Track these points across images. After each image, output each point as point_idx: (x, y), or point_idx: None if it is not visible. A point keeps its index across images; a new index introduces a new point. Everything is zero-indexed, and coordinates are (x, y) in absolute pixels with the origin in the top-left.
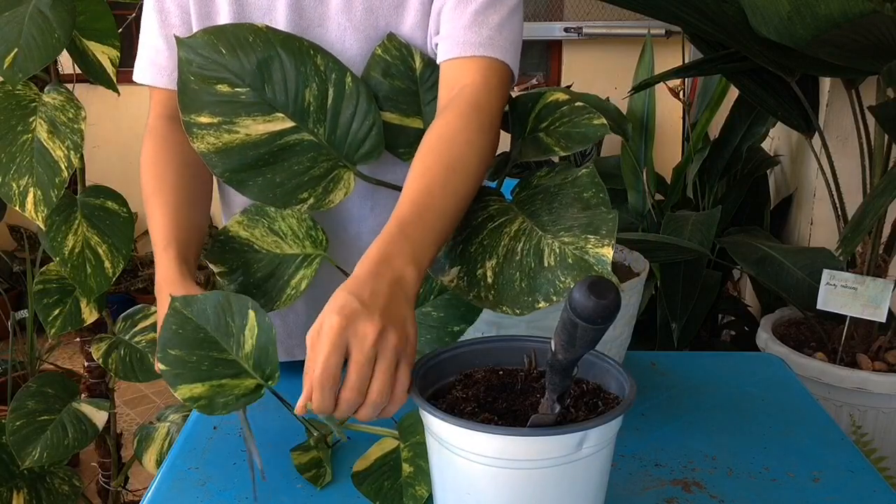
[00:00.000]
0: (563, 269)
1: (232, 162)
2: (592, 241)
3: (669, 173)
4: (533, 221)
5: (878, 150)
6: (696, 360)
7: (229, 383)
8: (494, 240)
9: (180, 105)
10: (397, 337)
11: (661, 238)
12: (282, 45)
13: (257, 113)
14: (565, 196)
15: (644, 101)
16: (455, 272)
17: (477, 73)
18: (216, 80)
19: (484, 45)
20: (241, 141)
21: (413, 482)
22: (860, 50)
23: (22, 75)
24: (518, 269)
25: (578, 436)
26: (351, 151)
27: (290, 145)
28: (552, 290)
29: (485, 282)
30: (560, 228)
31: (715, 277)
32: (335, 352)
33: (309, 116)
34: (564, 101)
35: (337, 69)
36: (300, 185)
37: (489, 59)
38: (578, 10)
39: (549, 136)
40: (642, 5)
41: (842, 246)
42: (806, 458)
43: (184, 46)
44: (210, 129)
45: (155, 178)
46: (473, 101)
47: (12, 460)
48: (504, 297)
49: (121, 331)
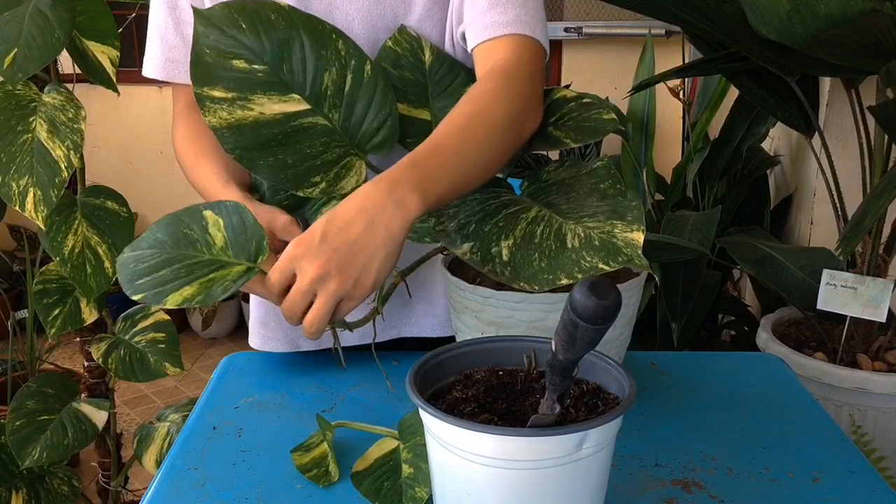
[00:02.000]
0: (590, 250)
1: (245, 139)
2: (620, 227)
3: (669, 173)
4: (551, 210)
5: (878, 150)
6: (696, 360)
7: (217, 276)
8: (511, 223)
9: (192, 76)
10: (339, 282)
11: (661, 238)
12: (304, 27)
13: (273, 92)
14: (582, 187)
15: (644, 101)
16: (468, 247)
17: (507, 50)
18: (233, 56)
19: (511, 24)
20: (255, 119)
21: (413, 483)
22: (860, 49)
23: (22, 75)
24: (537, 250)
25: (578, 436)
26: (364, 140)
27: (303, 128)
28: (577, 269)
29: (500, 258)
30: (583, 215)
31: (715, 277)
32: (278, 275)
33: (325, 101)
34: (572, 98)
35: (357, 56)
36: (312, 169)
37: (518, 37)
38: (578, 10)
39: (559, 129)
40: (642, 5)
41: (841, 245)
42: (806, 458)
43: (201, 18)
44: (223, 103)
45: (194, 147)
46: (502, 68)
47: (12, 460)
48: (521, 274)
49: (121, 331)
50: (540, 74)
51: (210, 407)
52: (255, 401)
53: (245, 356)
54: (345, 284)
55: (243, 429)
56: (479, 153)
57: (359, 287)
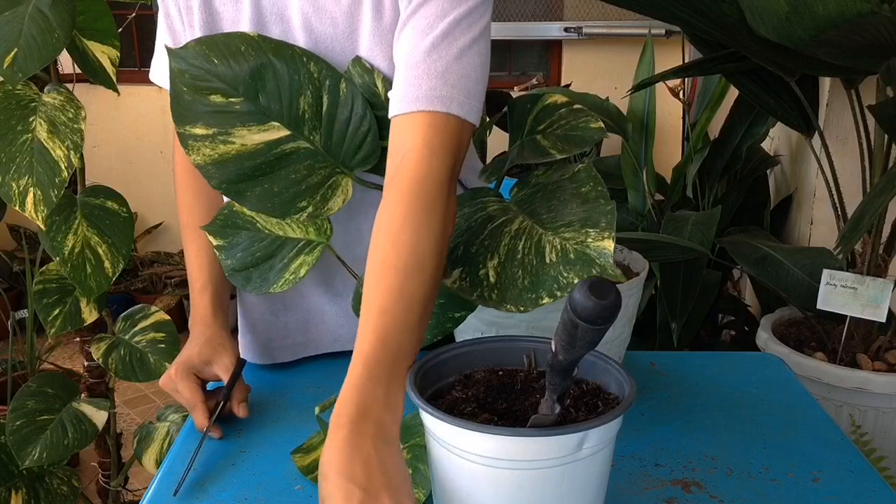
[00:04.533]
0: (566, 265)
1: (228, 173)
2: (592, 235)
3: (669, 173)
4: (533, 220)
5: (877, 149)
6: (696, 360)
7: None
8: (495, 239)
9: (174, 116)
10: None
11: (661, 238)
12: (274, 53)
13: (252, 123)
14: (563, 192)
15: (644, 101)
16: (457, 274)
17: (418, 135)
18: (209, 91)
19: (421, 99)
20: (237, 151)
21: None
22: (859, 50)
23: (22, 75)
24: (520, 267)
25: (578, 436)
26: (348, 157)
27: (286, 154)
28: (556, 286)
29: (487, 281)
30: (560, 225)
31: (715, 277)
32: None
33: (304, 124)
34: (563, 104)
35: (331, 75)
36: (298, 194)
37: (432, 115)
38: (578, 9)
39: (547, 138)
40: (642, 5)
41: (841, 244)
42: (806, 458)
43: (175, 57)
44: (205, 140)
45: (189, 211)
46: (414, 175)
47: (11, 460)
48: (507, 295)
49: (121, 331)
50: (457, 155)
51: None
52: (254, 401)
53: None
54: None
55: (243, 429)
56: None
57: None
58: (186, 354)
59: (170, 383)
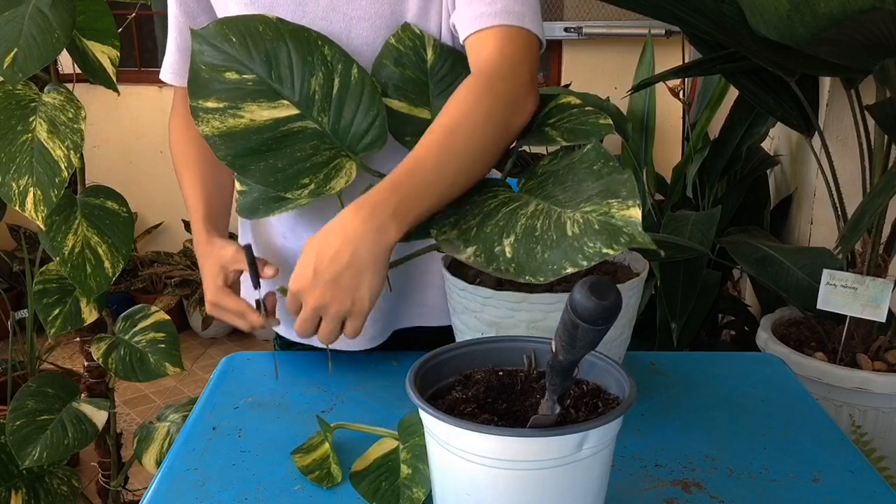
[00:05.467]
0: (591, 235)
1: (236, 146)
2: (616, 206)
3: (669, 173)
4: (549, 202)
5: (877, 149)
6: (696, 360)
7: None
8: (511, 220)
9: (189, 92)
10: (337, 306)
11: (661, 237)
12: (290, 35)
13: (263, 99)
14: (577, 173)
15: (644, 101)
16: (472, 251)
17: (493, 45)
18: (225, 69)
19: (498, 14)
20: (246, 126)
21: (411, 484)
22: (860, 48)
23: (22, 75)
24: (538, 242)
25: (578, 436)
26: (354, 142)
27: (293, 132)
28: (581, 256)
29: (504, 257)
30: (580, 201)
31: (715, 277)
32: (292, 301)
33: (314, 105)
34: (576, 105)
35: (343, 60)
36: (301, 171)
37: (505, 28)
38: (578, 10)
39: (555, 129)
40: (641, 5)
41: (840, 244)
42: (806, 458)
43: (197, 37)
44: (215, 113)
45: (183, 154)
46: (483, 69)
47: (11, 460)
48: (526, 268)
49: (121, 331)
50: (529, 65)
51: (210, 407)
52: (254, 401)
53: (245, 356)
54: (342, 307)
55: (243, 429)
56: (459, 165)
57: (357, 306)
58: (207, 276)
59: (214, 309)
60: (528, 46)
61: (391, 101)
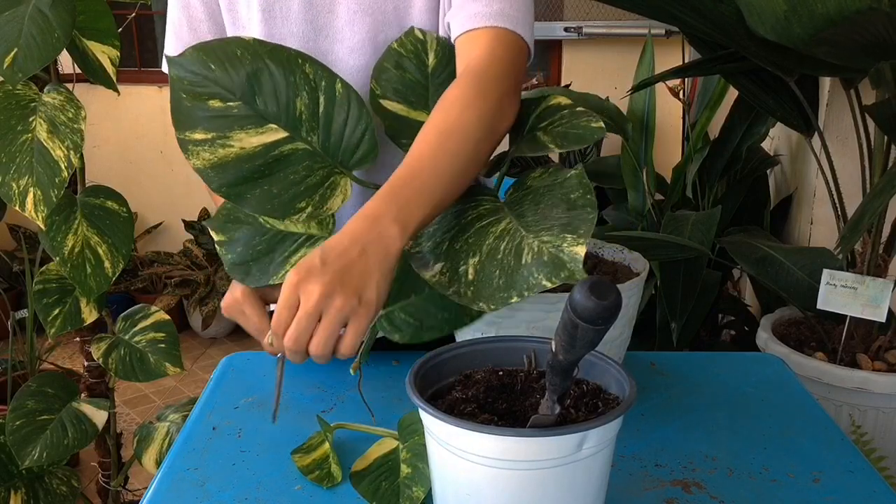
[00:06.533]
0: (539, 266)
1: (228, 176)
2: (569, 240)
3: (669, 173)
4: (519, 222)
5: (877, 149)
6: (696, 360)
7: None
8: (480, 238)
9: (174, 123)
10: (344, 299)
11: (661, 237)
12: (269, 57)
13: (250, 126)
14: (553, 197)
15: (644, 101)
16: (439, 268)
17: (484, 45)
18: (207, 96)
19: (492, 16)
20: (236, 155)
21: (411, 483)
22: (858, 48)
23: (22, 75)
24: (498, 266)
25: (578, 436)
26: (346, 157)
27: (284, 155)
28: (525, 286)
29: (465, 278)
30: (542, 228)
31: (715, 277)
32: (286, 304)
33: (302, 125)
34: (566, 105)
35: (326, 76)
36: (297, 195)
37: (496, 30)
38: (578, 10)
39: (547, 134)
40: (639, 6)
41: (841, 244)
42: (806, 458)
43: (174, 65)
44: (204, 145)
45: None
46: (474, 69)
47: (11, 460)
48: (481, 293)
49: (121, 331)
50: (517, 70)
51: (210, 407)
52: (255, 401)
53: (245, 356)
54: (350, 301)
55: (243, 429)
56: (455, 167)
57: (364, 304)
58: None
59: (235, 306)
60: (518, 52)
61: (389, 104)
